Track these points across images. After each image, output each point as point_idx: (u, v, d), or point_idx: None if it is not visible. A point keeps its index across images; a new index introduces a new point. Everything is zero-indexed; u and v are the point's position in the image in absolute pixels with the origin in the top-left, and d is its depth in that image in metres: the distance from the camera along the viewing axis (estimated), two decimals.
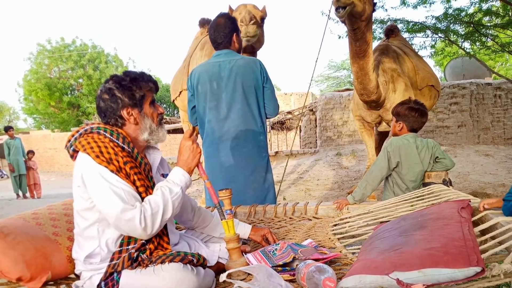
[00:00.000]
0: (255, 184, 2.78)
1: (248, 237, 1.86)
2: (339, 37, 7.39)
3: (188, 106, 2.95)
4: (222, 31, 2.73)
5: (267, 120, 3.51)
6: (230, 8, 3.55)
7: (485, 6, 7.14)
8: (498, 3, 7.22)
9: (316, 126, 11.54)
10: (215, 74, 2.73)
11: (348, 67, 25.15)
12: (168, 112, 27.98)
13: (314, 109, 12.13)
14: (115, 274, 1.39)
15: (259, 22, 3.39)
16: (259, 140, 2.80)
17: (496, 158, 8.05)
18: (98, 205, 1.37)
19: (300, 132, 13.01)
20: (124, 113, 1.50)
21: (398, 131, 2.75)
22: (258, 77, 2.74)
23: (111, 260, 1.41)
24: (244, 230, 1.84)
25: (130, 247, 1.41)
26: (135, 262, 1.39)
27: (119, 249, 1.42)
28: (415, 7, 6.95)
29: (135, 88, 1.51)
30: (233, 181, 2.72)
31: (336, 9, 3.03)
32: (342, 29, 10.38)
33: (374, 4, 3.35)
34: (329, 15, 5.22)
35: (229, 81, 2.71)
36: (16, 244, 1.42)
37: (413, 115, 2.68)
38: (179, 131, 14.76)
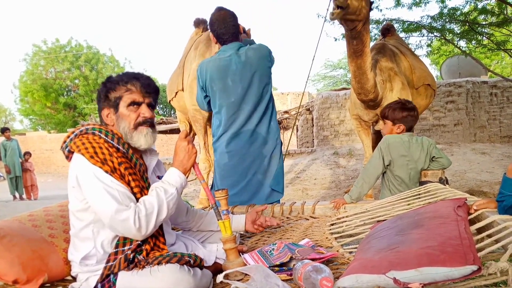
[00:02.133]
0: (270, 172, 2.80)
1: (245, 230, 1.86)
2: (336, 40, 7.39)
3: (199, 96, 2.93)
4: (232, 22, 2.70)
5: None
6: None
7: (480, 5, 7.17)
8: (493, 2, 7.25)
9: (313, 125, 11.54)
10: (229, 70, 2.69)
11: (344, 66, 25.18)
12: (165, 113, 27.93)
13: (310, 109, 12.13)
14: (111, 276, 1.38)
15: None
16: (271, 127, 2.81)
17: (492, 156, 8.09)
18: (93, 205, 1.37)
19: (297, 131, 13.01)
20: (104, 112, 1.53)
21: (397, 133, 2.77)
22: (270, 62, 2.75)
23: (107, 261, 1.40)
24: (239, 222, 1.86)
25: (126, 248, 1.41)
26: (131, 264, 1.38)
27: (114, 250, 1.41)
28: (410, 8, 6.97)
29: (110, 90, 1.51)
30: (251, 172, 2.75)
31: (334, 7, 3.01)
32: (338, 31, 10.38)
33: (371, 3, 3.35)
34: (325, 17, 5.22)
35: (244, 74, 2.68)
36: (12, 246, 1.42)
37: (412, 114, 2.74)
38: (176, 131, 14.73)
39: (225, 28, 2.69)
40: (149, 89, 1.54)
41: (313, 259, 1.45)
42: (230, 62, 2.68)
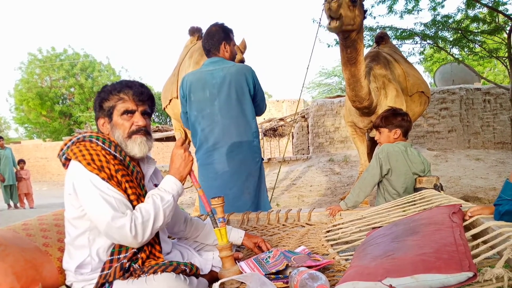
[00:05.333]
0: (250, 189, 2.80)
1: (242, 243, 1.85)
2: (329, 46, 7.46)
3: (181, 112, 2.98)
4: (211, 39, 2.79)
5: (259, 126, 3.57)
6: None
7: (472, 13, 7.26)
8: (485, 10, 7.34)
9: (308, 132, 11.58)
10: (208, 82, 2.75)
11: (339, 74, 25.32)
12: (160, 120, 27.91)
13: (306, 116, 12.18)
14: (106, 285, 1.37)
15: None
16: (252, 145, 2.82)
17: (486, 162, 8.13)
18: (89, 212, 1.36)
19: (292, 138, 13.03)
20: (99, 122, 1.55)
21: (395, 139, 2.75)
22: (250, 83, 2.78)
23: (102, 270, 1.39)
24: (238, 235, 1.84)
25: (121, 256, 1.40)
26: (127, 273, 1.37)
27: (110, 258, 1.40)
28: (401, 17, 7.04)
29: (103, 100, 1.53)
30: (228, 187, 2.74)
31: (329, 19, 3.06)
32: (332, 37, 10.45)
33: (365, 11, 3.39)
34: (319, 23, 5.26)
35: (222, 88, 2.73)
36: (5, 256, 1.40)
37: (405, 118, 2.76)
38: (171, 139, 14.72)
39: (206, 42, 2.82)
40: (142, 97, 1.53)
41: (309, 267, 1.45)
42: (211, 76, 2.76)
